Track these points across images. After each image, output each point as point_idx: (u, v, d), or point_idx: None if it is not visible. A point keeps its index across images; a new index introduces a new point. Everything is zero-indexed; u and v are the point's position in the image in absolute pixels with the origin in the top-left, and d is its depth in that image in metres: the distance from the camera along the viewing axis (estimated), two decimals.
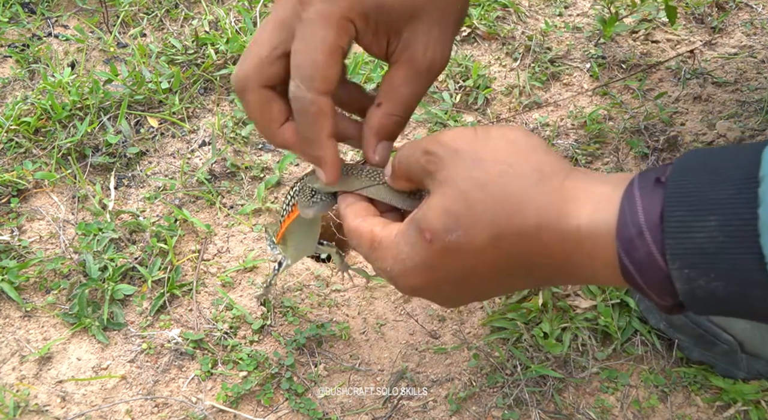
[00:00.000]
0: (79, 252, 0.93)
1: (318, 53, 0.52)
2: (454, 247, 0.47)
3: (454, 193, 0.47)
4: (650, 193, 0.42)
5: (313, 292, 0.93)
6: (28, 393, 0.83)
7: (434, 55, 0.57)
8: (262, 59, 0.54)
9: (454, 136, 0.49)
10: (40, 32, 1.25)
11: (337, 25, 0.52)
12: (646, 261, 0.42)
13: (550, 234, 0.45)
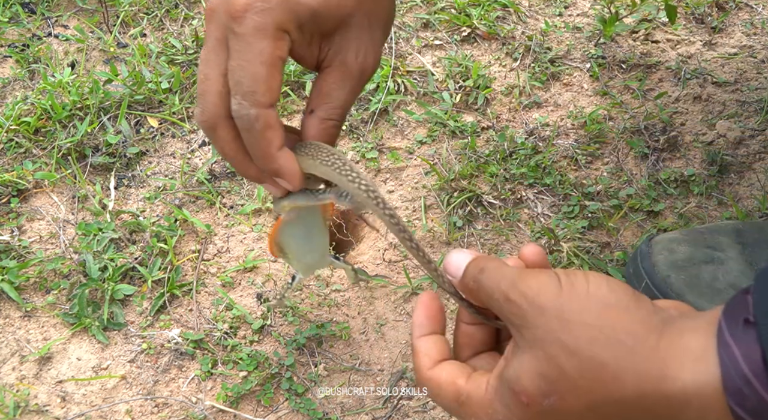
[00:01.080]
0: (79, 252, 0.93)
1: (257, 66, 0.51)
2: (552, 411, 0.46)
3: (545, 357, 0.46)
4: (743, 336, 0.42)
5: (313, 292, 0.93)
6: (28, 393, 0.83)
7: (365, 59, 0.57)
8: (220, 91, 0.53)
9: (538, 289, 0.47)
10: (40, 32, 1.25)
11: (273, 36, 0.51)
12: (760, 408, 0.41)
13: (653, 399, 0.44)
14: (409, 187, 1.04)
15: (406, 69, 1.17)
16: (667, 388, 0.43)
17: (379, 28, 0.57)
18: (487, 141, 1.09)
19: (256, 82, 0.51)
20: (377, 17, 0.57)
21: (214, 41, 0.53)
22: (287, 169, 0.54)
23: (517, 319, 0.47)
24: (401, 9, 1.27)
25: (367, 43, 0.56)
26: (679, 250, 0.86)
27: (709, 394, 0.43)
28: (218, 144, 0.55)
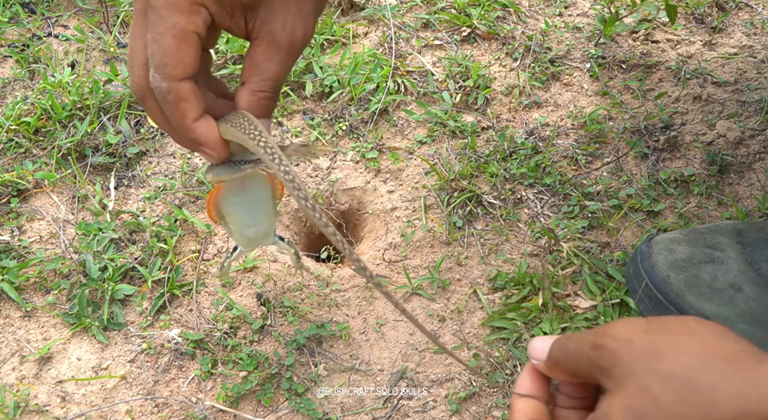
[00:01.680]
0: (79, 252, 0.93)
1: (168, 39, 0.51)
2: None
3: (635, 389, 0.45)
4: None
5: (313, 292, 0.93)
6: (28, 393, 0.83)
7: (294, 30, 0.56)
8: (145, 64, 0.53)
9: (624, 327, 0.47)
10: (40, 32, 1.25)
11: (186, 10, 0.51)
12: None
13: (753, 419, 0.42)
14: (409, 187, 1.04)
15: (406, 69, 1.17)
16: (763, 411, 0.41)
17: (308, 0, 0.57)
18: (487, 141, 1.09)
19: (166, 55, 0.51)
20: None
21: (138, 14, 0.53)
22: (206, 139, 0.55)
23: (607, 361, 0.46)
24: (401, 9, 1.27)
25: (295, 14, 0.56)
26: (678, 250, 0.86)
27: None
28: (149, 114, 0.56)
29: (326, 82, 1.13)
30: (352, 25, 1.23)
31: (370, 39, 1.23)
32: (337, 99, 1.12)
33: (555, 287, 0.89)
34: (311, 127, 1.10)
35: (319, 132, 1.09)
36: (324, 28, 1.21)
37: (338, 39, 1.21)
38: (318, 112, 1.13)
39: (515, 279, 0.91)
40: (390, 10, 1.24)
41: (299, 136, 1.10)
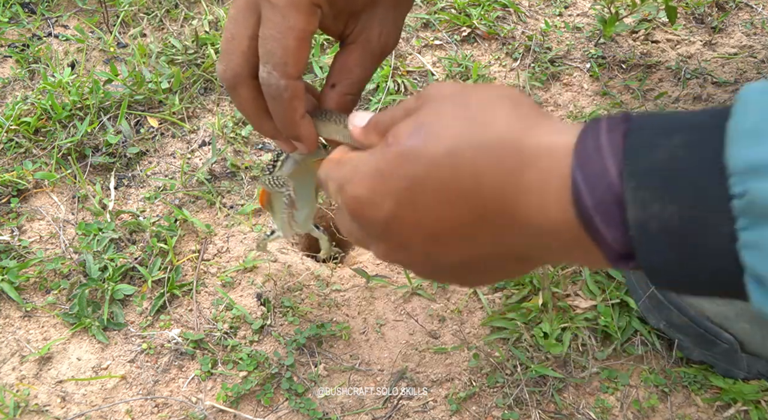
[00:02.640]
0: (79, 252, 0.93)
1: (290, 40, 0.53)
2: (410, 152, 0.45)
3: (428, 109, 0.46)
4: (617, 120, 0.40)
5: (313, 292, 0.93)
6: (28, 393, 0.83)
7: (387, 39, 0.59)
8: (245, 52, 0.55)
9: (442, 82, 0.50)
10: (40, 32, 1.25)
11: (307, 11, 0.53)
12: (598, 174, 0.38)
13: (509, 147, 0.42)
14: None
15: (406, 69, 1.17)
16: (524, 140, 0.42)
17: (404, 9, 0.60)
18: None
19: (287, 54, 0.53)
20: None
21: (245, 3, 0.55)
22: (307, 135, 0.58)
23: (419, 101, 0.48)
24: None
25: (391, 23, 0.59)
26: None
27: (558, 157, 0.41)
28: (238, 101, 0.58)
29: None
30: None
31: None
32: None
33: (555, 287, 0.89)
34: None
35: None
36: None
37: None
38: None
39: (515, 279, 0.91)
40: None
41: None
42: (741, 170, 0.34)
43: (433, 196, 0.44)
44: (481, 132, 0.43)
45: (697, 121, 0.37)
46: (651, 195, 0.37)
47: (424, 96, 0.48)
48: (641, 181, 0.37)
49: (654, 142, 0.37)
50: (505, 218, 0.43)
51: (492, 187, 0.42)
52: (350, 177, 0.48)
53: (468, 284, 0.53)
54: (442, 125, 0.44)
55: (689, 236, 0.36)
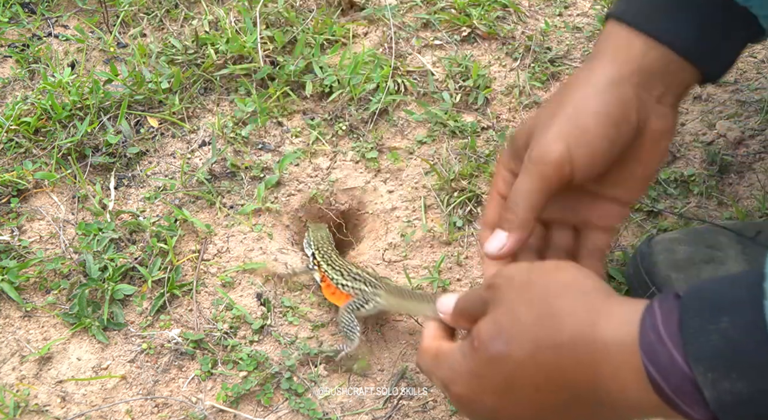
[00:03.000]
0: (79, 252, 0.93)
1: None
2: (498, 357, 0.51)
3: (504, 309, 0.51)
4: (669, 304, 0.45)
5: (313, 292, 0.93)
6: (28, 393, 0.83)
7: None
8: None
9: (511, 268, 0.56)
10: (40, 32, 1.25)
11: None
12: (669, 366, 0.44)
13: (583, 346, 0.48)
14: (409, 187, 1.04)
15: (406, 69, 1.17)
16: (594, 336, 0.47)
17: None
18: (487, 141, 1.09)
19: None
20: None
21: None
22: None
23: (492, 293, 0.54)
24: (401, 9, 1.27)
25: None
26: (679, 250, 0.86)
27: (626, 346, 0.46)
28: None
29: (326, 82, 1.13)
30: (352, 25, 1.23)
31: (370, 39, 1.23)
32: (337, 99, 1.12)
33: None
34: (311, 127, 1.10)
35: (319, 132, 1.09)
36: (324, 28, 1.21)
37: (338, 39, 1.21)
38: (318, 112, 1.13)
39: None
40: (390, 10, 1.24)
41: (299, 136, 1.10)
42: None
43: (528, 390, 0.51)
44: (554, 333, 0.49)
45: (736, 299, 0.43)
46: (719, 375, 0.42)
47: (495, 286, 0.54)
48: (706, 365, 0.42)
49: (705, 327, 0.43)
50: (594, 397, 0.49)
51: (575, 379, 0.48)
52: (451, 377, 0.55)
53: None
54: (519, 330, 0.50)
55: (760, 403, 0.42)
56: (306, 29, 1.19)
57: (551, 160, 0.62)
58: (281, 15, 1.20)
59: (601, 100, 0.65)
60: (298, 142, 1.09)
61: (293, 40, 1.19)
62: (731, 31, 0.67)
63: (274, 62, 1.16)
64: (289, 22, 1.20)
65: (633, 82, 0.65)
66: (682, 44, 0.66)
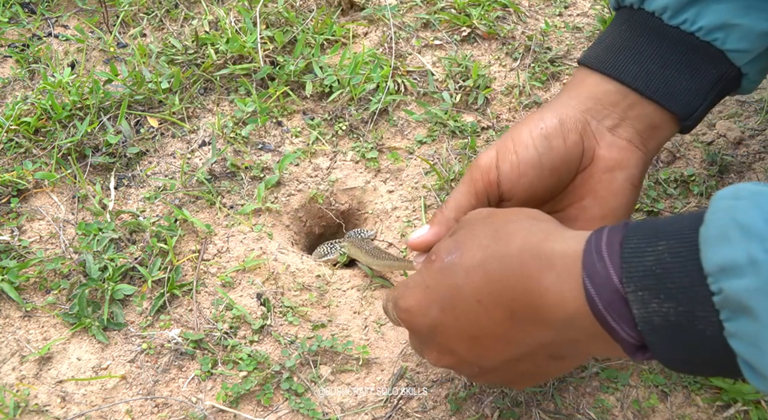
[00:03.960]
0: (79, 252, 0.93)
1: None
2: (449, 267, 0.53)
3: (464, 231, 0.54)
4: (616, 229, 0.47)
5: (313, 292, 0.93)
6: (28, 393, 0.83)
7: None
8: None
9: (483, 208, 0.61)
10: (40, 32, 1.25)
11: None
12: (604, 280, 0.45)
13: (529, 255, 0.50)
14: (409, 187, 1.04)
15: (406, 69, 1.17)
16: (541, 247, 0.50)
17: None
18: (487, 141, 1.09)
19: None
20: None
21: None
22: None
23: (459, 225, 0.57)
24: (401, 9, 1.27)
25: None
26: None
27: (569, 262, 0.48)
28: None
29: (326, 82, 1.13)
30: (352, 25, 1.23)
31: (370, 39, 1.23)
32: (337, 99, 1.12)
33: None
34: (311, 127, 1.10)
35: (319, 132, 1.09)
36: (324, 28, 1.21)
37: (338, 39, 1.21)
38: (318, 112, 1.13)
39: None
40: (390, 10, 1.24)
41: (299, 136, 1.10)
42: (714, 271, 0.41)
43: (470, 302, 0.52)
44: (504, 244, 0.51)
45: (676, 228, 0.45)
46: (648, 295, 0.44)
47: (464, 220, 0.57)
48: (638, 284, 0.44)
49: (643, 249, 0.45)
50: (532, 314, 0.50)
51: (517, 290, 0.50)
52: (401, 292, 0.57)
53: (515, 385, 0.62)
54: (473, 243, 0.53)
55: (687, 327, 0.43)
56: (306, 29, 1.19)
57: (479, 165, 0.66)
58: (281, 15, 1.20)
59: (539, 116, 0.67)
60: (298, 142, 1.09)
61: (293, 40, 1.19)
62: (694, 69, 0.66)
63: (274, 62, 1.16)
64: (289, 22, 1.20)
65: (581, 108, 0.67)
66: (633, 80, 0.66)
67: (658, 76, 0.66)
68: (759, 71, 0.69)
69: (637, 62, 0.66)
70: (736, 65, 0.66)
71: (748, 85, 0.70)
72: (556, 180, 0.67)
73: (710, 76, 0.66)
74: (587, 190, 0.68)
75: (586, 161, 0.67)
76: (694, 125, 0.70)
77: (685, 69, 0.66)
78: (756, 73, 0.69)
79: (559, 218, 0.68)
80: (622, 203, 0.67)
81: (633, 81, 0.66)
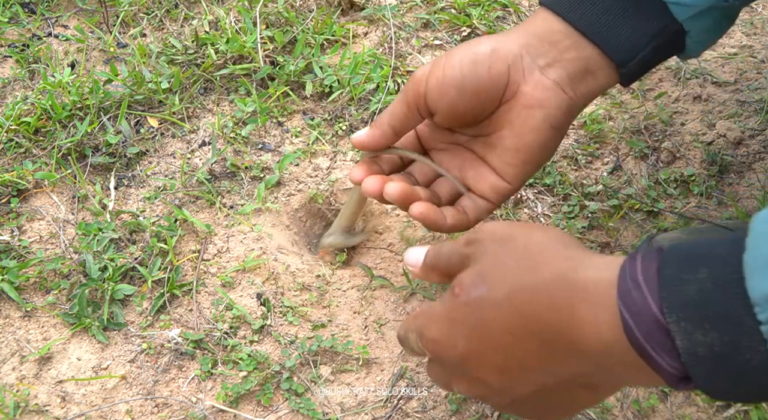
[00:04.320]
0: (79, 252, 0.93)
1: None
2: (476, 300, 0.51)
3: (486, 259, 0.53)
4: (650, 256, 0.46)
5: (313, 292, 0.93)
6: (28, 393, 0.83)
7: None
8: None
9: (492, 224, 0.57)
10: (40, 32, 1.25)
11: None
12: (642, 310, 0.43)
13: (560, 286, 0.48)
14: None
15: (406, 69, 1.17)
16: (572, 278, 0.48)
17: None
18: None
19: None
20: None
21: None
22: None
23: (473, 247, 0.55)
24: (401, 9, 1.27)
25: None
26: None
27: (603, 291, 0.46)
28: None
29: (326, 82, 1.13)
30: (352, 25, 1.23)
31: (370, 39, 1.23)
32: (337, 99, 1.12)
33: None
34: (311, 127, 1.10)
35: (319, 132, 1.09)
36: (324, 28, 1.21)
37: (338, 39, 1.21)
38: (318, 112, 1.13)
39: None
40: (390, 10, 1.24)
41: (299, 136, 1.10)
42: (761, 300, 0.39)
43: (501, 334, 0.50)
44: (533, 275, 0.49)
45: (717, 254, 0.43)
46: (692, 325, 0.42)
47: (477, 241, 0.55)
48: (680, 313, 0.42)
49: (683, 278, 0.43)
50: (566, 345, 0.48)
51: (550, 321, 0.48)
52: (427, 324, 0.55)
53: (547, 416, 0.60)
54: (500, 274, 0.51)
55: (732, 358, 0.41)
56: (306, 29, 1.19)
57: (414, 77, 0.70)
58: (281, 15, 1.20)
59: (477, 41, 0.70)
60: (298, 142, 1.09)
61: (293, 40, 1.19)
62: (636, 18, 0.68)
63: (274, 62, 1.16)
64: (289, 22, 1.20)
65: (521, 43, 0.69)
66: (578, 20, 0.68)
67: (601, 20, 0.68)
68: (703, 30, 0.70)
69: (587, 5, 0.68)
70: (677, 20, 0.68)
71: (693, 46, 0.71)
72: (477, 104, 0.70)
73: (651, 26, 0.68)
74: (506, 121, 0.70)
75: (509, 94, 0.69)
76: (631, 77, 0.71)
77: (628, 17, 0.68)
78: (699, 32, 0.69)
79: (482, 143, 0.73)
80: (537, 141, 0.69)
81: (578, 21, 0.68)
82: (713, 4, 0.67)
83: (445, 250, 0.59)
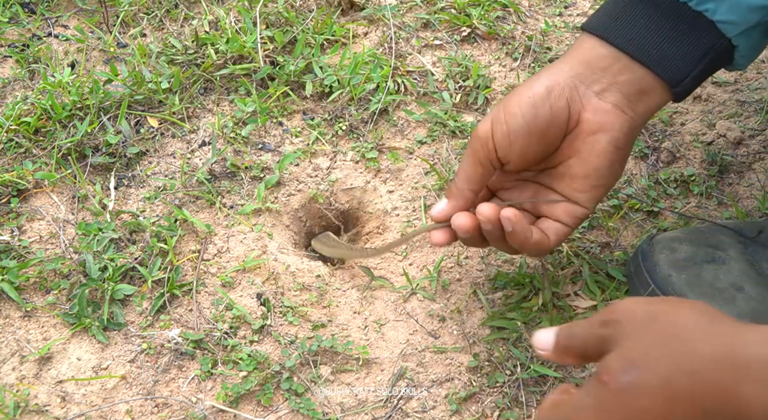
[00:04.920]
0: (79, 252, 0.93)
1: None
2: (629, 387, 0.49)
3: (631, 344, 0.51)
4: None
5: (313, 292, 0.93)
6: (28, 393, 0.83)
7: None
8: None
9: (628, 303, 0.54)
10: (40, 32, 1.25)
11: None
12: None
13: (721, 368, 0.47)
14: (409, 187, 1.04)
15: (406, 69, 1.17)
16: (733, 357, 0.47)
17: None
18: None
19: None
20: None
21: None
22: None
23: (612, 329, 0.53)
24: (401, 9, 1.27)
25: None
26: (680, 249, 0.86)
27: (764, 368, 0.45)
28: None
29: (326, 82, 1.13)
30: (352, 25, 1.23)
31: (370, 39, 1.23)
32: (337, 99, 1.12)
33: (555, 287, 0.89)
34: (311, 127, 1.10)
35: (319, 132, 1.09)
36: (324, 28, 1.21)
37: (338, 39, 1.21)
38: (318, 112, 1.13)
39: (515, 279, 0.91)
40: (390, 10, 1.24)
41: (299, 136, 1.10)
42: None
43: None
44: (689, 357, 0.48)
45: None
46: None
47: (615, 321, 0.53)
48: None
49: None
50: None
51: (713, 404, 0.47)
52: (570, 415, 0.53)
53: None
54: (649, 358, 0.49)
55: None
56: (306, 29, 1.19)
57: (478, 136, 0.71)
58: (281, 15, 1.20)
59: (529, 84, 0.71)
60: (298, 142, 1.09)
61: (293, 40, 1.19)
62: (685, 37, 0.68)
63: (274, 62, 1.16)
64: (289, 22, 1.20)
65: (572, 74, 0.70)
66: (626, 44, 0.69)
67: (650, 42, 0.69)
68: (751, 46, 0.71)
69: (632, 28, 0.69)
70: (726, 37, 0.69)
71: (741, 60, 0.72)
72: (546, 143, 0.72)
73: (701, 45, 0.69)
74: (573, 150, 0.72)
75: (572, 124, 0.71)
76: (685, 94, 0.72)
77: (677, 37, 0.69)
78: (748, 48, 0.71)
79: (550, 174, 0.75)
80: (604, 164, 0.71)
81: (626, 45, 0.69)
82: (760, 20, 0.68)
83: (578, 331, 0.57)
